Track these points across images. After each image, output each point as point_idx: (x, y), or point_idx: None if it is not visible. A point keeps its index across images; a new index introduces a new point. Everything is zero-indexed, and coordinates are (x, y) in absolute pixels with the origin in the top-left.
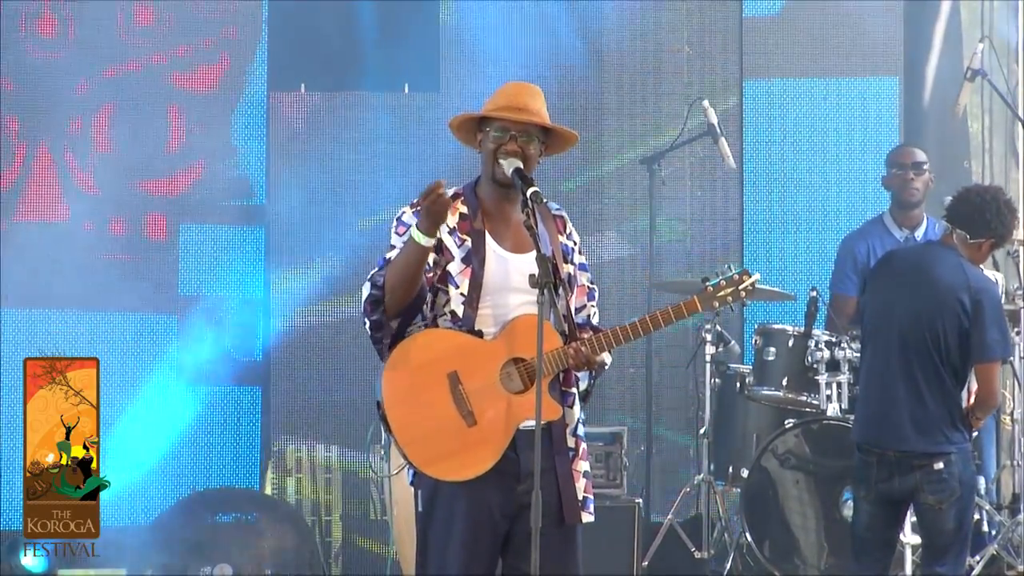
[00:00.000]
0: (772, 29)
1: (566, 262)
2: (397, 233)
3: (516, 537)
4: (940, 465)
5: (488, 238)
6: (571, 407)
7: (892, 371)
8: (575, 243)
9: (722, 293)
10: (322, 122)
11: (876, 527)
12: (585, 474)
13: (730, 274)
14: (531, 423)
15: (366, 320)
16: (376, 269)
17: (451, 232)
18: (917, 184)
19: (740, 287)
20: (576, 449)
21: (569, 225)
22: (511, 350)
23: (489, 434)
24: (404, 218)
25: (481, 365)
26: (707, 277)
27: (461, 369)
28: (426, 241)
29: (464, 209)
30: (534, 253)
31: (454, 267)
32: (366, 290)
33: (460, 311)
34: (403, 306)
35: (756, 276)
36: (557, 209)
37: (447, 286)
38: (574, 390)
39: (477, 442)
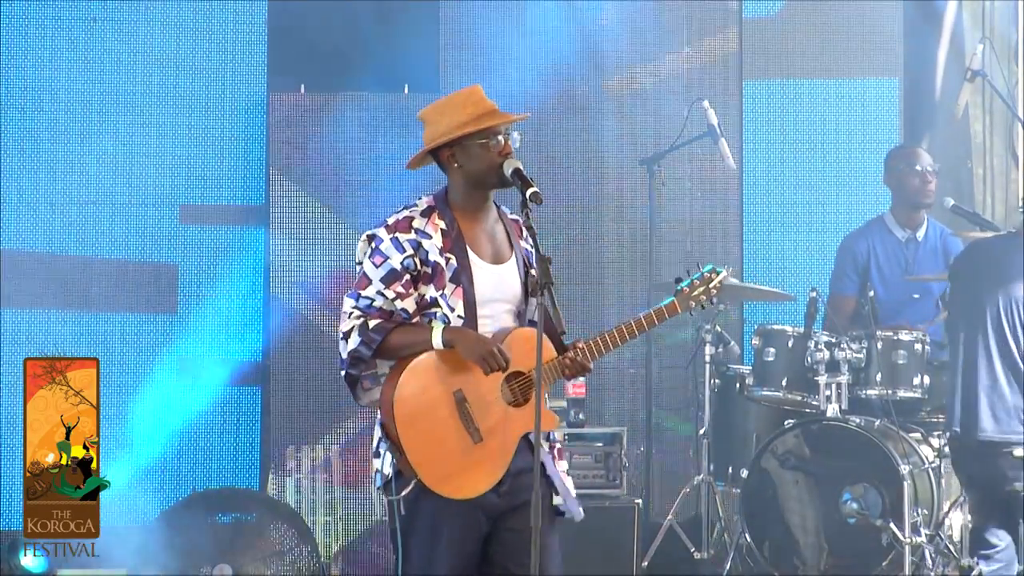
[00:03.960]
0: (772, 29)
1: (529, 266)
2: (374, 264)
3: (499, 536)
4: (1020, 452)
5: (470, 252)
6: None
7: (974, 362)
8: (531, 246)
9: (696, 293)
10: (322, 122)
11: (980, 514)
12: (567, 472)
13: (699, 274)
14: (529, 434)
15: (343, 371)
16: (354, 309)
17: (440, 252)
18: (932, 186)
19: (710, 284)
20: (551, 451)
21: (525, 230)
22: (510, 365)
23: (494, 449)
24: (383, 248)
25: (484, 382)
26: (680, 278)
27: (466, 387)
28: (438, 346)
29: (442, 224)
30: (512, 261)
31: (446, 291)
32: (352, 343)
33: None
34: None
35: (724, 273)
36: (511, 214)
37: (439, 308)
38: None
39: (483, 458)
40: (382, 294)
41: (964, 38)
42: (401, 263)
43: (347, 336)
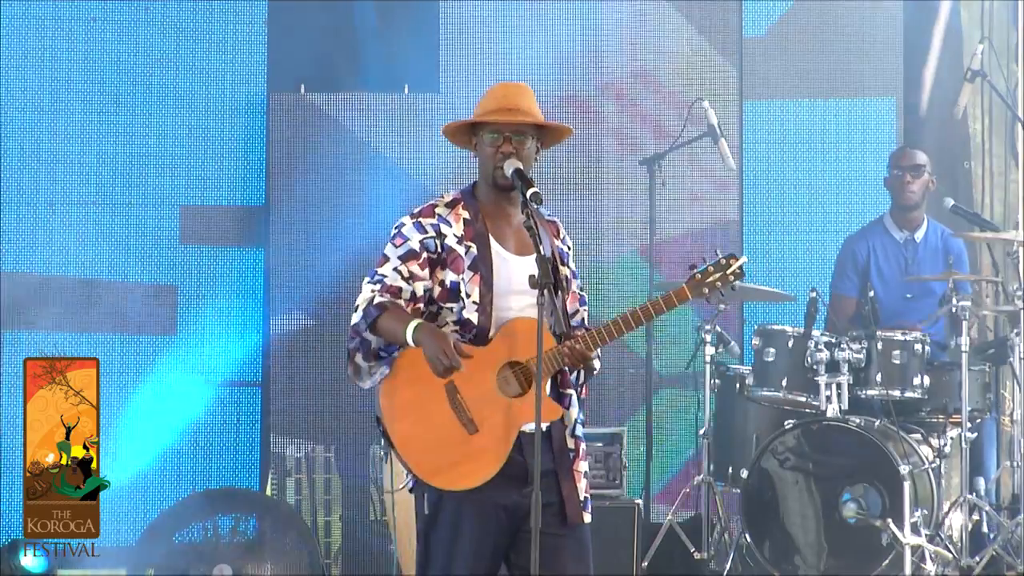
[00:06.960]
0: (769, 48)
1: (562, 264)
2: (394, 244)
3: (523, 537)
4: None
5: (492, 241)
6: (568, 408)
7: None
8: (569, 247)
9: (711, 279)
10: (322, 122)
11: None
12: (585, 474)
13: (716, 259)
14: (532, 426)
15: (348, 348)
16: (366, 286)
17: (459, 241)
18: (914, 187)
19: (728, 271)
20: (576, 449)
21: (562, 230)
22: (507, 354)
23: (491, 441)
24: (404, 230)
25: (478, 372)
26: (694, 264)
27: (458, 377)
28: (409, 343)
29: (466, 215)
30: (535, 254)
31: (464, 277)
32: (356, 317)
33: (475, 319)
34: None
35: (743, 259)
36: (549, 215)
37: (459, 298)
38: (571, 391)
39: (479, 449)
40: (397, 271)
41: (963, 39)
42: (420, 242)
43: (356, 309)
